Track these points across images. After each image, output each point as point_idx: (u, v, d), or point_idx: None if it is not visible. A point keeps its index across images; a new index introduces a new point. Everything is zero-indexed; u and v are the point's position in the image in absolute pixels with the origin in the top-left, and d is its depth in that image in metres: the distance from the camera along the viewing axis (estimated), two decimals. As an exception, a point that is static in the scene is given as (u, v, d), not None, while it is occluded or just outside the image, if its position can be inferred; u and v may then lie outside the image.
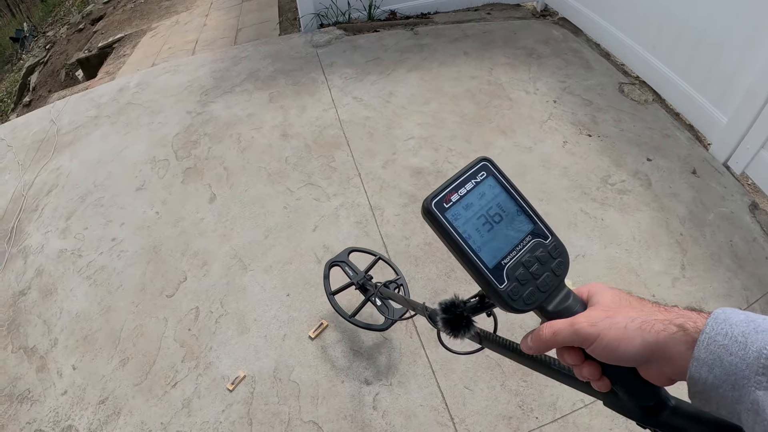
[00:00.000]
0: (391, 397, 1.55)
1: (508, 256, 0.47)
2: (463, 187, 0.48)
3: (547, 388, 1.54)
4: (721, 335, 0.35)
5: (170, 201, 2.38)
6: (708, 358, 0.35)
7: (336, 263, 1.67)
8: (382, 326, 1.54)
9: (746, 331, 0.34)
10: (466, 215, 0.47)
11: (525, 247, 0.48)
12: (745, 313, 0.36)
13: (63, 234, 2.34)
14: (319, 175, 2.38)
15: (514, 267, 0.46)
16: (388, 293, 1.35)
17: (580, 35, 3.31)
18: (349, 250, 1.72)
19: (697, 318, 0.38)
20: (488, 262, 0.46)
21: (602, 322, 0.41)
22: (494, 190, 0.49)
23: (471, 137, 2.50)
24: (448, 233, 0.46)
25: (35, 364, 1.83)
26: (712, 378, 0.35)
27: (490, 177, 0.50)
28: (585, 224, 2.03)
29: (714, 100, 2.34)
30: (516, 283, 0.46)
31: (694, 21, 2.37)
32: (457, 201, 0.47)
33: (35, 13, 10.17)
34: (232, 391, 1.63)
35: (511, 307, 0.46)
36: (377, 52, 3.31)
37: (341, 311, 1.61)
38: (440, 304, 0.55)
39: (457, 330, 0.55)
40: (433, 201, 0.47)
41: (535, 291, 0.46)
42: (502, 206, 0.49)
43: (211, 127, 2.82)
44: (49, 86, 4.91)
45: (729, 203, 2.11)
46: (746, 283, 1.82)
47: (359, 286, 1.56)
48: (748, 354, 0.33)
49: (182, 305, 1.91)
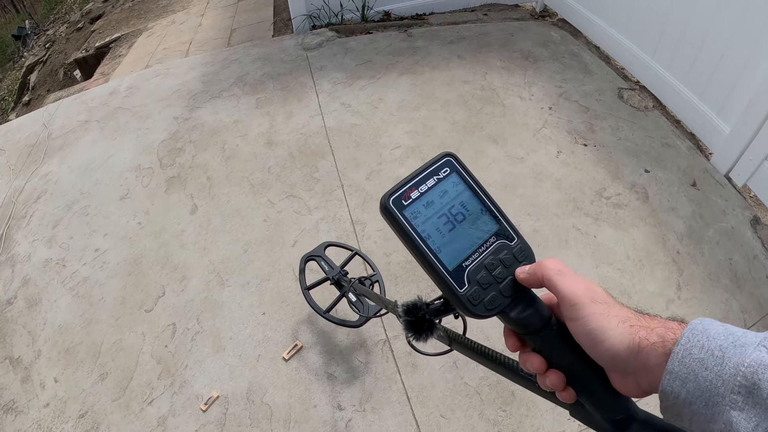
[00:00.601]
0: (364, 423, 1.51)
1: (470, 258, 0.44)
2: (424, 184, 0.45)
3: (528, 419, 1.48)
4: (697, 348, 0.33)
5: (153, 211, 2.35)
6: (682, 371, 0.33)
7: (312, 257, 1.64)
8: (356, 323, 1.50)
9: (724, 344, 0.32)
10: (426, 213, 0.44)
11: (488, 249, 0.45)
12: (725, 325, 0.34)
13: (49, 243, 2.33)
14: (301, 187, 2.32)
15: (476, 270, 0.44)
16: (363, 290, 1.32)
17: (579, 37, 3.19)
18: (326, 245, 1.68)
19: (678, 329, 0.36)
20: (448, 264, 0.43)
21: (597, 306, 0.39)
22: (457, 188, 0.46)
23: (461, 146, 2.42)
24: (405, 232, 0.43)
25: (20, 375, 1.83)
26: (685, 393, 0.33)
27: (454, 173, 0.47)
28: (577, 241, 1.95)
29: (716, 109, 2.23)
30: (477, 287, 0.43)
31: (696, 25, 2.26)
32: (417, 198, 0.44)
33: (39, 9, 10.21)
34: (206, 411, 1.60)
35: (472, 312, 0.43)
36: (369, 55, 3.23)
37: (316, 306, 1.57)
38: (402, 305, 0.53)
39: (419, 333, 0.52)
40: (391, 198, 0.44)
41: (498, 296, 0.43)
42: (466, 205, 0.46)
43: (197, 134, 2.77)
44: (48, 85, 4.91)
45: (730, 218, 2.02)
46: (744, 305, 1.74)
47: (334, 282, 1.53)
48: (724, 370, 0.31)
49: (160, 320, 1.89)
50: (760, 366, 0.29)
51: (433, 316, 0.52)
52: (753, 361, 0.30)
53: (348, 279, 1.49)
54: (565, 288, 0.40)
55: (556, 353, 0.42)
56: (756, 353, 0.30)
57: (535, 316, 0.43)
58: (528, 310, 0.43)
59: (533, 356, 0.43)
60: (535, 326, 0.43)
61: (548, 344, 0.43)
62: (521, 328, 0.44)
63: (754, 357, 0.30)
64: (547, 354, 0.43)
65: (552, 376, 0.42)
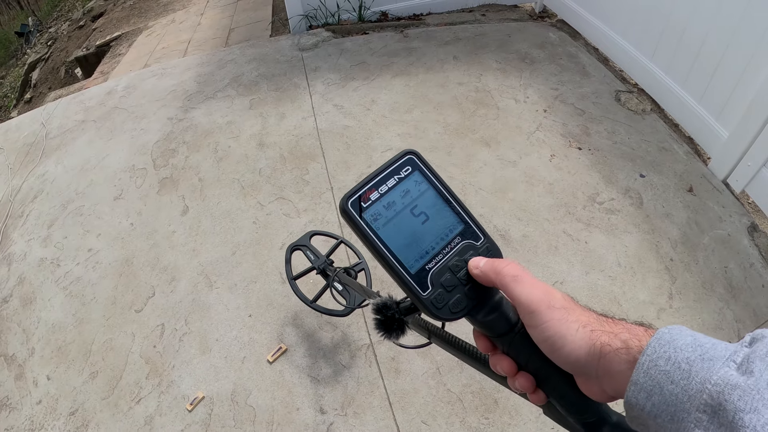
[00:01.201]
0: (345, 427, 1.50)
1: (434, 260, 0.43)
2: (385, 184, 0.44)
3: (510, 427, 1.46)
4: (663, 359, 0.31)
5: (145, 212, 2.36)
6: (647, 383, 0.32)
7: (297, 247, 1.62)
8: (342, 312, 1.48)
9: (691, 357, 0.31)
10: (386, 215, 0.43)
11: (453, 250, 0.44)
12: (693, 334, 0.32)
13: (44, 242, 2.35)
14: (291, 189, 2.32)
15: (440, 272, 0.42)
16: (347, 279, 1.31)
17: (578, 39, 3.16)
18: (311, 234, 1.67)
19: (643, 335, 0.35)
20: (410, 267, 0.42)
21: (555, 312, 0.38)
22: (420, 187, 0.45)
23: (452, 149, 2.40)
24: (365, 236, 0.42)
25: (14, 372, 1.86)
26: (650, 406, 0.31)
27: (416, 172, 0.45)
28: (567, 247, 1.93)
29: (715, 113, 2.20)
30: (441, 290, 0.42)
31: (696, 28, 2.22)
32: (377, 199, 0.43)
33: (42, 6, 10.27)
34: (191, 411, 1.62)
35: (436, 316, 0.42)
36: (363, 56, 3.21)
37: (302, 296, 1.56)
38: (373, 304, 0.51)
39: (389, 332, 0.50)
40: (349, 200, 0.42)
41: (463, 298, 0.42)
42: (429, 204, 0.44)
43: (191, 134, 2.78)
44: (49, 83, 4.95)
45: (726, 224, 1.98)
46: (739, 315, 1.70)
47: (320, 271, 1.51)
48: (690, 385, 0.30)
49: (149, 321, 1.90)
50: (727, 386, 0.28)
51: (403, 315, 0.50)
52: (720, 379, 0.29)
53: (333, 268, 1.47)
54: (521, 295, 0.39)
55: (523, 356, 0.42)
56: (723, 370, 0.29)
57: (501, 319, 0.42)
58: (493, 313, 0.42)
59: (503, 359, 0.43)
60: (502, 329, 0.42)
61: (515, 347, 0.42)
62: (488, 330, 0.43)
63: (721, 375, 0.29)
64: (515, 357, 0.42)
65: (521, 378, 0.41)
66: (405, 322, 0.50)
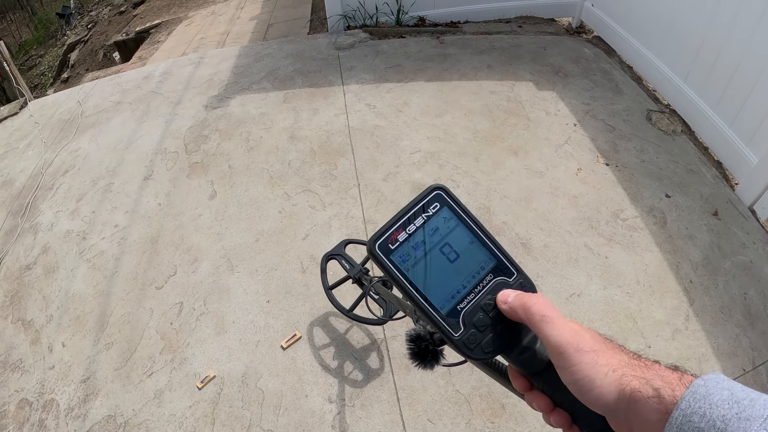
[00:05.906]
0: (351, 418, 1.52)
1: (465, 299, 0.42)
2: (412, 224, 0.43)
3: (517, 433, 1.46)
4: (698, 416, 0.30)
5: (173, 194, 2.42)
6: None
7: (332, 256, 1.62)
8: (379, 321, 1.49)
9: (728, 416, 0.29)
10: (415, 256, 0.42)
11: (485, 288, 0.42)
12: (731, 387, 0.31)
13: (72, 215, 2.42)
14: (318, 182, 2.35)
15: (472, 312, 0.41)
16: (382, 290, 1.29)
17: (613, 56, 3.14)
18: (346, 242, 1.67)
19: (677, 384, 0.33)
20: (441, 308, 0.41)
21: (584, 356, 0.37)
22: (449, 224, 0.44)
23: (480, 156, 2.41)
24: (394, 278, 0.41)
25: (30, 337, 1.91)
26: None
27: (445, 208, 0.44)
28: (586, 261, 1.92)
29: (745, 138, 2.17)
30: (474, 330, 0.41)
31: (730, 51, 2.20)
32: (405, 240, 0.42)
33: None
34: (201, 389, 1.65)
35: (469, 356, 0.41)
36: (399, 59, 3.25)
37: (339, 306, 1.56)
38: (407, 334, 0.51)
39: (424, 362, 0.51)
40: (377, 242, 0.42)
41: (495, 338, 0.41)
42: (459, 241, 0.43)
43: (224, 123, 2.84)
44: (87, 65, 5.11)
45: (749, 251, 1.94)
46: (755, 342, 1.67)
47: (356, 280, 1.51)
48: None
49: (168, 299, 1.94)
50: None
51: (436, 347, 0.50)
52: None
53: (369, 278, 1.45)
54: (549, 336, 0.38)
55: (558, 394, 0.41)
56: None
57: (535, 358, 0.41)
58: (527, 352, 0.42)
59: (539, 396, 0.42)
60: (537, 367, 0.42)
61: (551, 385, 0.41)
62: (523, 368, 0.42)
63: None
64: (551, 394, 0.42)
65: (556, 416, 0.41)
66: (438, 353, 0.50)
